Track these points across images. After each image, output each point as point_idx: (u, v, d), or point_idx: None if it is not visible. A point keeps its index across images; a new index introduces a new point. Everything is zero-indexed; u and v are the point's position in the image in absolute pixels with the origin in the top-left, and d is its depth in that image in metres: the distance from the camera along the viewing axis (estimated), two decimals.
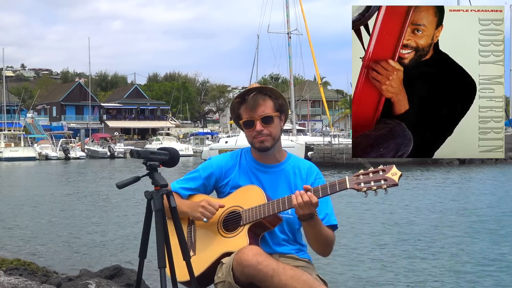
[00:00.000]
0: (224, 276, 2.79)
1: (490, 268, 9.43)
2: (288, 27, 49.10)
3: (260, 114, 2.99)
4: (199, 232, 3.05)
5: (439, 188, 23.50)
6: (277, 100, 3.05)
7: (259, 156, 3.11)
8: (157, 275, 2.74)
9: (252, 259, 2.67)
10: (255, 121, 3.00)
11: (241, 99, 3.06)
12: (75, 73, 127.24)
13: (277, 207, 2.86)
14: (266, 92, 3.05)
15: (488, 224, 13.74)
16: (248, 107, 3.01)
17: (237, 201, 3.00)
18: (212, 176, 3.13)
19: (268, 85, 3.24)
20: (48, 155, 58.37)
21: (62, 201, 20.67)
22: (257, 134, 3.00)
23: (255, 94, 3.02)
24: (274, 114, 3.02)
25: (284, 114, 3.10)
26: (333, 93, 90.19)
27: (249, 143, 3.11)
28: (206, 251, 2.97)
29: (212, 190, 3.17)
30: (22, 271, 6.31)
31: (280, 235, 3.03)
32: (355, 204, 16.33)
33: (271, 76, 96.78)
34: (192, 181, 3.15)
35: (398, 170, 2.69)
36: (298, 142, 40.39)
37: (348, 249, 10.80)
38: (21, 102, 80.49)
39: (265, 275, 2.63)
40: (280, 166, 3.11)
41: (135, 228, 13.51)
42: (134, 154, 2.67)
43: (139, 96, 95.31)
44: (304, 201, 2.74)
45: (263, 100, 3.01)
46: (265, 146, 3.02)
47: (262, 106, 3.00)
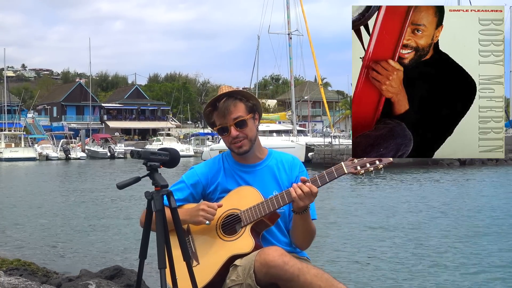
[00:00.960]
0: (242, 278, 2.78)
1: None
2: (288, 28, 49.20)
3: (233, 118, 2.99)
4: (198, 240, 3.03)
5: (440, 189, 23.50)
6: (248, 101, 3.05)
7: (240, 158, 3.11)
8: (157, 276, 2.74)
9: (278, 260, 2.67)
10: (229, 127, 3.00)
11: (212, 107, 3.05)
12: (75, 73, 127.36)
13: (277, 203, 2.88)
14: (236, 96, 3.03)
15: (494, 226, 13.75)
16: (220, 114, 3.01)
17: (232, 204, 2.99)
18: (199, 184, 3.13)
19: (268, 86, 3.24)
20: (48, 156, 58.42)
21: (63, 202, 20.68)
22: (233, 139, 3.01)
23: (225, 100, 3.01)
24: (247, 117, 3.01)
25: (257, 113, 3.10)
26: (334, 94, 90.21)
27: (228, 148, 3.12)
28: (209, 258, 2.95)
29: (200, 198, 3.16)
30: (22, 271, 6.31)
31: (278, 232, 3.05)
32: (353, 205, 16.34)
33: (271, 77, 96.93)
34: (180, 192, 3.12)
35: None
36: (298, 143, 40.37)
37: (343, 249, 10.81)
38: (21, 102, 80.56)
39: (292, 275, 2.64)
40: (263, 164, 3.12)
41: (135, 228, 13.52)
42: (135, 154, 2.67)
43: (140, 96, 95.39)
44: (304, 192, 2.77)
45: (234, 105, 3.00)
46: (243, 150, 3.03)
47: (234, 111, 2.99)
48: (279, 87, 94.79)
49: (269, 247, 2.79)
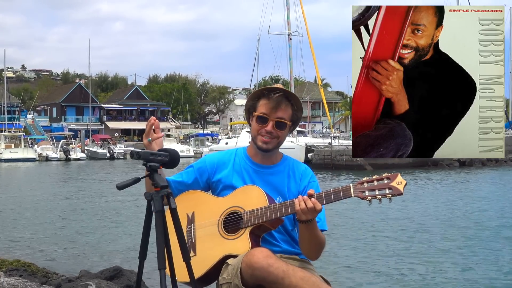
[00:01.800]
0: (230, 277, 2.78)
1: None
2: (288, 29, 49.17)
3: (278, 116, 2.99)
4: (199, 232, 3.04)
5: (441, 190, 23.50)
6: (296, 112, 3.05)
7: (255, 155, 3.10)
8: (156, 276, 2.74)
9: (262, 262, 2.66)
10: (269, 121, 2.99)
11: (267, 92, 3.03)
12: (75, 74, 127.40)
13: (280, 212, 2.85)
14: (291, 99, 3.03)
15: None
16: (269, 104, 2.99)
17: (238, 201, 2.98)
18: (205, 171, 3.13)
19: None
20: (48, 156, 58.41)
21: (62, 202, 20.67)
22: (265, 133, 3.00)
23: (280, 95, 3.00)
24: (288, 123, 3.02)
25: (294, 126, 3.10)
26: (333, 95, 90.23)
27: (252, 138, 3.09)
28: (207, 252, 2.96)
29: (205, 187, 3.15)
30: (22, 272, 6.30)
31: (279, 235, 3.03)
32: (351, 209, 16.32)
33: (271, 77, 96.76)
34: (186, 175, 3.15)
35: (403, 179, 2.66)
36: (298, 144, 40.36)
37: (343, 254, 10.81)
38: (21, 103, 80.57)
39: (276, 277, 2.63)
40: (275, 168, 3.10)
41: (135, 229, 13.52)
42: (134, 155, 2.66)
43: (140, 97, 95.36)
44: (308, 207, 2.73)
45: (285, 105, 3.00)
46: (266, 147, 3.01)
47: (282, 110, 2.99)
48: None
49: (256, 248, 2.78)
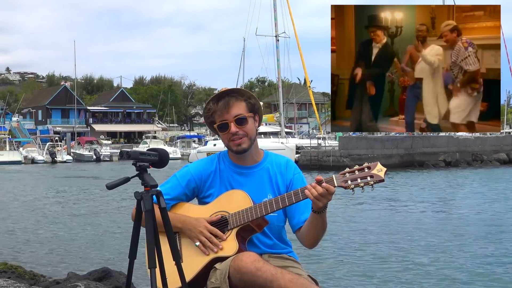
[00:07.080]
0: (219, 282, 2.78)
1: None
2: (275, 30, 49.21)
3: (234, 115, 2.97)
4: (184, 238, 3.01)
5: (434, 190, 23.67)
6: (249, 100, 3.03)
7: (237, 159, 3.08)
8: (146, 276, 2.75)
9: (250, 266, 2.67)
10: (229, 123, 2.97)
11: (212, 103, 3.02)
12: (60, 76, 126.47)
13: (265, 209, 2.86)
14: (237, 94, 3.02)
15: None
16: (220, 110, 2.98)
17: (222, 206, 2.98)
18: (191, 183, 3.09)
19: (254, 88, 3.22)
20: (34, 159, 57.99)
21: (49, 204, 20.54)
22: (232, 136, 2.98)
23: (224, 97, 2.99)
24: (247, 115, 3.00)
25: (258, 114, 3.07)
26: (320, 96, 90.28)
27: (226, 147, 3.08)
28: (194, 257, 2.94)
29: (193, 197, 3.13)
30: (10, 274, 6.28)
31: (267, 234, 3.04)
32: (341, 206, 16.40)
33: (257, 79, 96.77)
34: (173, 190, 3.09)
35: (383, 166, 2.74)
36: (288, 145, 40.27)
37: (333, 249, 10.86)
38: (6, 106, 79.99)
39: (265, 281, 2.64)
40: (260, 166, 3.10)
41: (123, 230, 13.49)
42: (124, 155, 2.71)
43: (125, 99, 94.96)
44: (320, 193, 2.71)
45: (233, 101, 2.98)
46: (242, 148, 2.99)
47: (235, 108, 2.97)
48: (265, 89, 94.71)
49: (243, 253, 2.78)
